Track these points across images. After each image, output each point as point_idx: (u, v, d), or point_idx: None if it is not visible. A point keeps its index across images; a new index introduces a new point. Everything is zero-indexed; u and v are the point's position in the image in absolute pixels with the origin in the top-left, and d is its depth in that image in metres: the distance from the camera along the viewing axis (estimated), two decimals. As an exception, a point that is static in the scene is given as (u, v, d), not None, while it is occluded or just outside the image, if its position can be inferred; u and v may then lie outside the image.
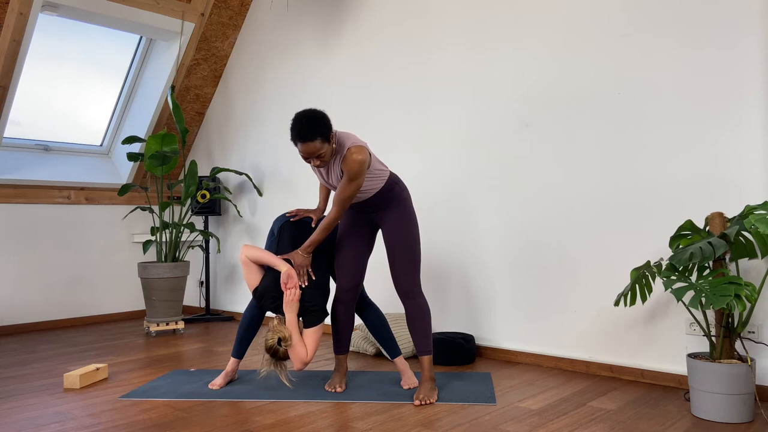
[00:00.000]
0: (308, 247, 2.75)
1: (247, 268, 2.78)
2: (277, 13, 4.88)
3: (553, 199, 3.30)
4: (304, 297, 2.70)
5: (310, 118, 2.49)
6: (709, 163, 2.80)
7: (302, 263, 2.74)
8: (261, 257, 2.74)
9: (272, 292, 2.72)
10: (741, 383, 2.35)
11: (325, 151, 2.53)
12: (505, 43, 3.51)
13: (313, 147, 2.49)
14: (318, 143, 2.49)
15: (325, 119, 2.52)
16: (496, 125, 3.54)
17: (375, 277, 4.11)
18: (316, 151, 2.50)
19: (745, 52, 2.70)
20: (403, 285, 2.75)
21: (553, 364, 3.28)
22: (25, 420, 2.48)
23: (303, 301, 2.70)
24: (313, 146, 2.49)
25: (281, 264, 2.70)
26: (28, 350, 3.88)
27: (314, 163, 2.57)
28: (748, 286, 2.30)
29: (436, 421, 2.41)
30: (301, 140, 2.49)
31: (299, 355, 2.66)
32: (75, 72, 4.81)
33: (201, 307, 5.42)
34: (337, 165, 2.65)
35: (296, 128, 2.50)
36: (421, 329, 2.76)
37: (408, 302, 2.76)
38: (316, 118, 2.50)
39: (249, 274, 2.77)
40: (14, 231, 4.60)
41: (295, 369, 2.71)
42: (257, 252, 2.75)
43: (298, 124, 2.50)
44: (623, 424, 2.35)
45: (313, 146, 2.49)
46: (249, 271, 2.77)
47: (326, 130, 2.51)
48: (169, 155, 4.41)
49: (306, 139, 2.48)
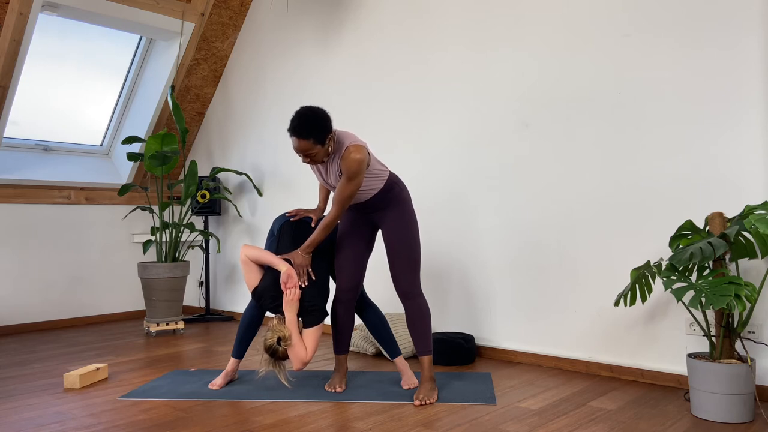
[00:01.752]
0: (308, 247, 2.75)
1: (247, 268, 2.77)
2: (277, 13, 4.88)
3: (553, 199, 3.30)
4: (303, 297, 2.70)
5: (309, 117, 2.52)
6: (709, 163, 2.80)
7: (302, 263, 2.74)
8: (261, 257, 2.74)
9: (272, 292, 2.72)
10: (741, 383, 2.35)
11: (317, 152, 2.56)
12: (505, 43, 3.51)
13: (305, 145, 2.53)
14: (310, 143, 2.52)
15: (324, 122, 2.54)
16: (496, 125, 3.54)
17: (375, 277, 4.11)
18: (307, 149, 2.54)
19: (745, 51, 2.70)
20: (403, 285, 2.75)
21: (553, 364, 3.28)
22: (25, 420, 2.48)
23: (303, 300, 2.70)
24: (305, 144, 2.53)
25: (281, 264, 2.70)
26: (28, 350, 3.88)
27: (304, 160, 2.60)
28: (748, 286, 2.30)
29: (436, 421, 2.41)
30: (296, 135, 2.53)
31: (299, 355, 2.66)
32: (75, 72, 4.81)
33: (201, 307, 5.42)
34: (336, 164, 2.66)
35: (294, 122, 2.54)
36: (420, 330, 2.76)
37: (408, 303, 2.76)
38: (317, 118, 2.52)
39: (248, 273, 2.77)
40: (14, 231, 4.60)
41: (295, 369, 2.70)
42: (257, 252, 2.75)
43: (297, 119, 2.53)
44: (623, 424, 2.35)
45: (305, 144, 2.53)
46: (248, 271, 2.77)
47: (322, 133, 2.53)
48: (169, 155, 4.41)
49: (300, 136, 2.52)
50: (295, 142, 2.54)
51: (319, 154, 2.57)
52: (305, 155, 2.57)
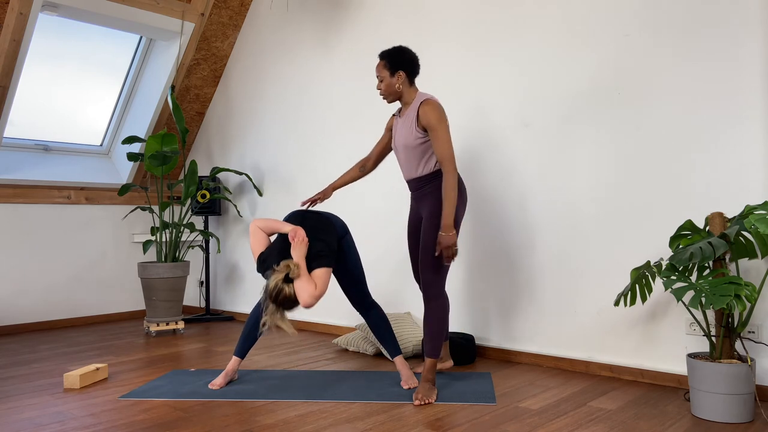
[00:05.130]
0: (448, 227, 2.62)
1: (255, 237, 2.76)
2: (277, 13, 4.88)
3: (552, 199, 3.30)
4: (311, 247, 2.66)
5: (397, 47, 2.82)
6: (709, 163, 2.80)
7: (449, 242, 2.62)
8: (270, 224, 2.77)
9: (277, 249, 2.69)
10: (741, 383, 2.35)
11: (383, 78, 2.81)
12: (505, 43, 3.51)
13: (379, 65, 2.83)
14: (382, 65, 2.82)
15: (401, 55, 2.78)
16: (496, 125, 3.54)
17: (375, 277, 4.11)
18: (379, 71, 2.83)
19: (746, 51, 2.70)
20: (422, 284, 2.78)
21: (553, 364, 3.28)
22: (25, 420, 2.48)
23: (311, 249, 2.65)
24: (379, 64, 2.83)
25: (288, 226, 2.72)
26: (28, 350, 3.88)
27: (378, 86, 2.85)
28: (748, 286, 2.30)
29: (436, 421, 2.41)
30: (379, 55, 2.85)
31: (308, 289, 2.52)
32: (75, 72, 4.81)
33: (201, 307, 5.42)
34: (408, 117, 2.80)
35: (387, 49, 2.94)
36: (430, 332, 2.76)
37: (425, 302, 2.78)
38: (400, 49, 2.81)
39: (256, 242, 2.76)
40: (14, 231, 4.60)
41: (304, 305, 2.54)
42: (267, 221, 2.78)
43: (391, 47, 2.86)
44: (623, 424, 2.35)
45: (379, 64, 2.83)
46: (256, 240, 2.76)
47: (394, 61, 2.78)
48: (169, 155, 4.41)
49: (380, 56, 2.85)
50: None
51: (385, 82, 2.81)
52: (378, 77, 2.84)
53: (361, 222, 4.20)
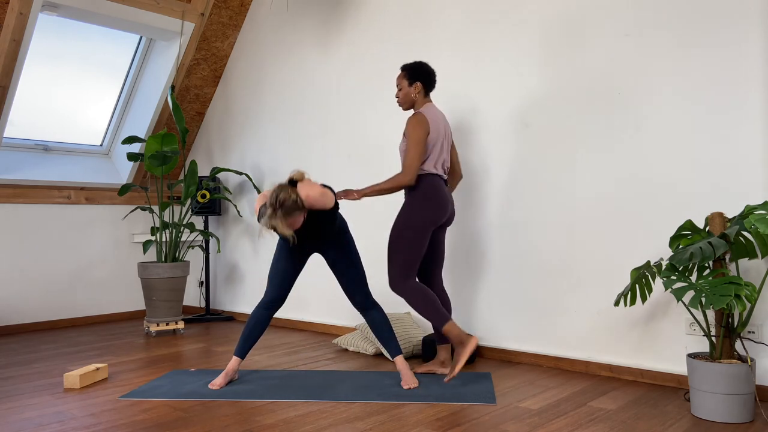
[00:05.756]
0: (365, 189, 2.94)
1: (260, 201, 2.73)
2: (277, 13, 4.88)
3: (553, 199, 3.30)
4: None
5: (419, 62, 3.06)
6: (709, 163, 2.80)
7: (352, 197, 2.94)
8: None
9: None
10: (741, 383, 2.35)
11: (403, 87, 3.06)
12: (505, 43, 3.51)
13: (399, 75, 3.08)
14: (402, 75, 3.07)
15: (420, 69, 3.02)
16: (496, 125, 3.54)
17: (375, 277, 4.11)
18: (399, 80, 3.07)
19: (746, 51, 2.71)
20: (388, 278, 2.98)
21: (553, 364, 3.28)
22: (25, 420, 2.48)
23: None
24: (400, 74, 3.08)
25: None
26: (28, 350, 3.88)
27: (397, 94, 3.09)
28: (748, 286, 2.30)
29: (436, 421, 2.41)
30: (401, 67, 3.08)
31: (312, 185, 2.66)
32: (75, 72, 4.81)
33: (201, 307, 5.42)
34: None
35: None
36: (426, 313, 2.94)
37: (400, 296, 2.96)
38: (420, 63, 3.04)
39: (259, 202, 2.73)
40: (14, 231, 4.60)
41: (305, 195, 2.64)
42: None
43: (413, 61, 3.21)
44: (623, 424, 2.35)
45: (400, 74, 3.08)
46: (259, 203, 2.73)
47: (414, 73, 3.01)
48: (169, 155, 4.41)
49: (401, 68, 3.08)
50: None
51: (403, 91, 3.06)
52: (397, 86, 3.08)
53: (362, 222, 4.20)
